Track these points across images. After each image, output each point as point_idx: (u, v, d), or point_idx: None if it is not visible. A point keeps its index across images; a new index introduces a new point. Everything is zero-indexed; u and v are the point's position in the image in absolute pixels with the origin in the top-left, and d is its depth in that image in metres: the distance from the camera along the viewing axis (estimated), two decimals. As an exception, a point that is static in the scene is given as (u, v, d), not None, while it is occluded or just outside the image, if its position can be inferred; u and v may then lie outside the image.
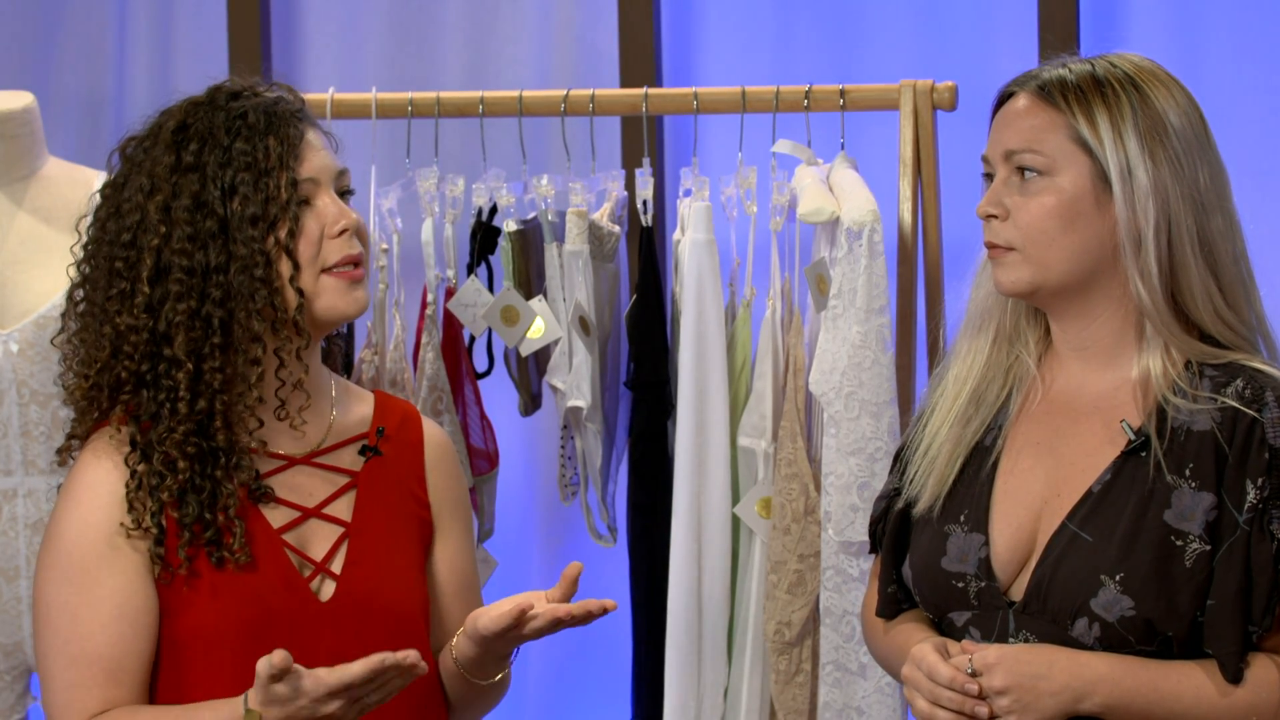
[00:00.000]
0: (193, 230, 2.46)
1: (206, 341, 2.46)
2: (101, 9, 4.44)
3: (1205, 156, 2.48)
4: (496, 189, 3.64)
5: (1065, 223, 2.46)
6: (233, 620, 2.44)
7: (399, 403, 2.68)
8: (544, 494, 4.20)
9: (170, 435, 2.46)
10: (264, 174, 2.47)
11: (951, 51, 4.08)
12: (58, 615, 2.45)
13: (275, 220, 2.47)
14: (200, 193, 2.46)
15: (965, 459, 2.55)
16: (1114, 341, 2.50)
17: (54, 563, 2.47)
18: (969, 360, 2.59)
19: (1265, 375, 2.45)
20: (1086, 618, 2.40)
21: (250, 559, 2.46)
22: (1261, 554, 2.39)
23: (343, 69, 4.37)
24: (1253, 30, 3.97)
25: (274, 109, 2.51)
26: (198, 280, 2.46)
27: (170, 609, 2.46)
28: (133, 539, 2.45)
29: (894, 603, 2.61)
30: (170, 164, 2.48)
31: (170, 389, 2.46)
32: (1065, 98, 2.47)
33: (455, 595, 2.65)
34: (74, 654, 2.44)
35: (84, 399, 2.51)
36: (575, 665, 4.32)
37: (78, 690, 2.44)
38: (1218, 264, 2.46)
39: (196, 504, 2.45)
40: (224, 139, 2.48)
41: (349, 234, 2.51)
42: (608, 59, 4.21)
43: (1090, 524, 2.43)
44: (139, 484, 2.46)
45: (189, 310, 2.45)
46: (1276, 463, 2.40)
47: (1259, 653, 2.42)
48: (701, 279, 3.52)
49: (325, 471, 2.56)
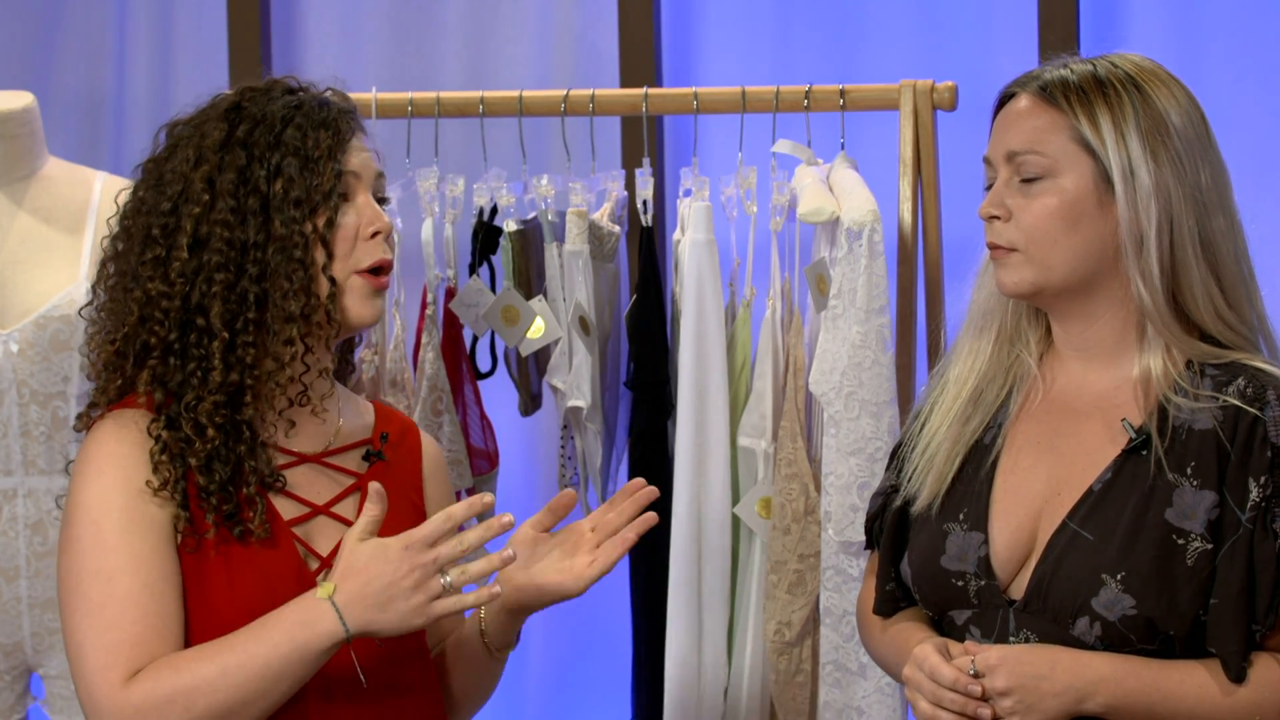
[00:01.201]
0: (235, 204, 2.48)
1: (241, 315, 2.47)
2: (101, 9, 4.44)
3: (1207, 156, 2.48)
4: (497, 189, 3.64)
5: (1068, 224, 2.46)
6: (245, 602, 2.44)
7: (397, 414, 2.72)
8: (544, 494, 4.20)
9: (200, 404, 2.46)
10: (311, 161, 2.50)
11: (951, 51, 4.08)
12: (89, 583, 2.42)
13: (316, 207, 2.50)
14: (246, 169, 2.48)
15: (964, 457, 2.55)
16: (1115, 341, 2.51)
17: (80, 533, 2.44)
18: (970, 361, 2.59)
19: (1267, 374, 2.45)
20: (1088, 617, 2.40)
21: (269, 535, 2.46)
22: (1265, 552, 2.39)
23: (343, 69, 4.35)
24: (1253, 30, 3.97)
25: (329, 104, 2.55)
26: (236, 254, 2.47)
27: (189, 582, 2.46)
28: (159, 498, 2.44)
29: (892, 600, 2.61)
30: (220, 139, 2.50)
31: (201, 359, 2.47)
32: (1067, 98, 2.47)
33: None
34: (110, 618, 2.40)
35: (108, 365, 2.51)
36: (575, 665, 4.32)
37: (118, 652, 2.39)
38: (1219, 264, 2.46)
39: (222, 472, 2.46)
40: (276, 123, 2.51)
41: (382, 238, 2.54)
42: (608, 59, 4.21)
43: (1091, 523, 2.43)
44: (163, 449, 2.45)
45: (226, 281, 2.47)
46: (1278, 461, 2.40)
47: (1262, 652, 2.42)
48: (701, 279, 3.52)
49: (332, 472, 2.58)
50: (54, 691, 3.31)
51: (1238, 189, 2.56)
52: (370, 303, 2.54)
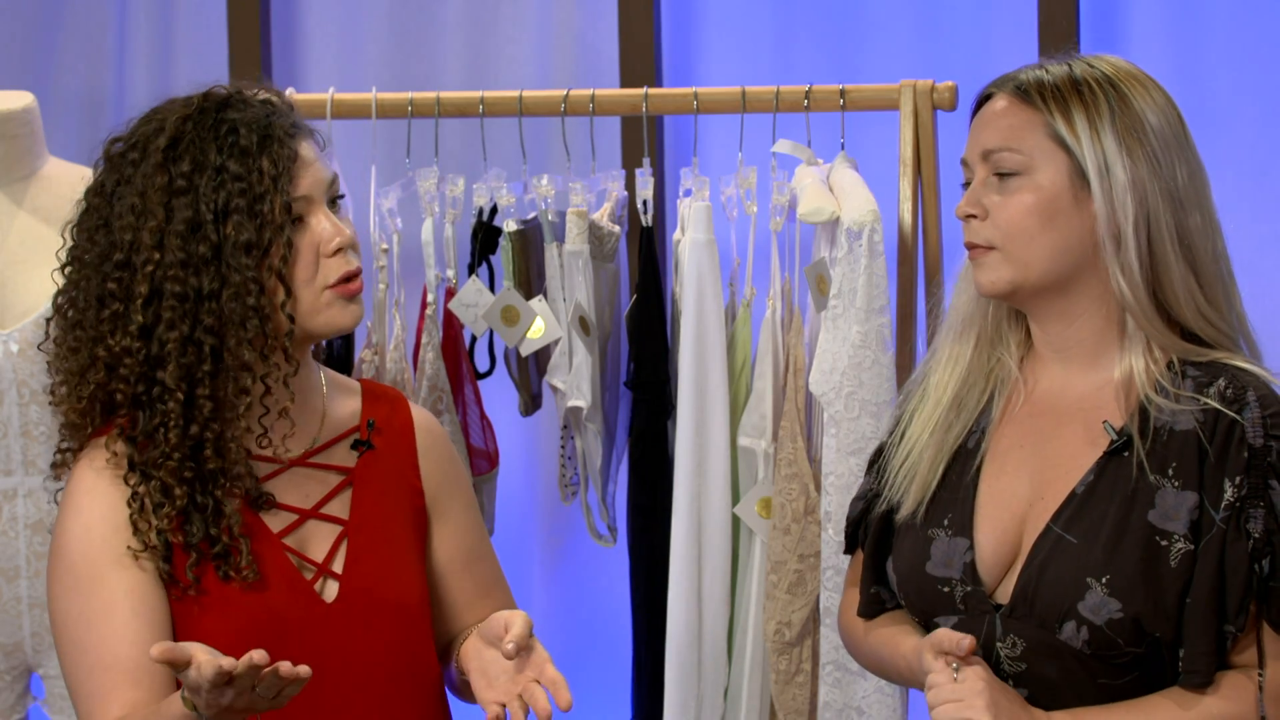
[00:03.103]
0: (185, 256, 2.43)
1: (199, 368, 2.44)
2: (101, 9, 4.44)
3: (1183, 155, 2.47)
4: (497, 189, 3.64)
5: (1044, 220, 2.46)
6: (242, 632, 2.43)
7: (386, 390, 2.68)
8: (544, 494, 4.21)
9: (166, 461, 2.45)
10: (257, 198, 2.44)
11: (951, 51, 4.08)
12: (73, 626, 2.44)
13: (269, 245, 2.45)
14: (193, 218, 2.43)
15: (948, 463, 2.54)
16: (1095, 342, 2.50)
17: (62, 575, 2.45)
18: (950, 367, 2.59)
19: (1248, 374, 2.45)
20: (1074, 621, 2.40)
21: (257, 575, 2.46)
22: (1236, 552, 2.38)
23: (343, 69, 4.37)
24: (1252, 31, 3.97)
25: (267, 126, 2.48)
26: (190, 305, 2.44)
27: (180, 625, 2.46)
28: (140, 559, 2.44)
29: (877, 603, 2.61)
30: (163, 185, 2.45)
31: (164, 414, 2.45)
32: (1043, 97, 2.47)
33: (460, 571, 2.65)
34: (92, 663, 2.42)
35: (78, 416, 2.50)
36: (575, 665, 4.32)
37: (98, 699, 2.41)
38: (1197, 261, 2.46)
39: (201, 523, 2.45)
40: (215, 159, 2.45)
41: (344, 252, 2.50)
42: (608, 59, 4.21)
43: (1075, 526, 2.43)
44: (140, 505, 2.45)
45: (180, 337, 2.44)
46: (1255, 462, 2.40)
47: (1232, 671, 2.41)
48: (701, 279, 3.52)
49: (320, 471, 2.56)
50: (54, 691, 3.31)
51: (1238, 189, 2.56)
52: (347, 310, 2.51)
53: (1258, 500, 2.39)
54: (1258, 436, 2.40)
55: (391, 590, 2.54)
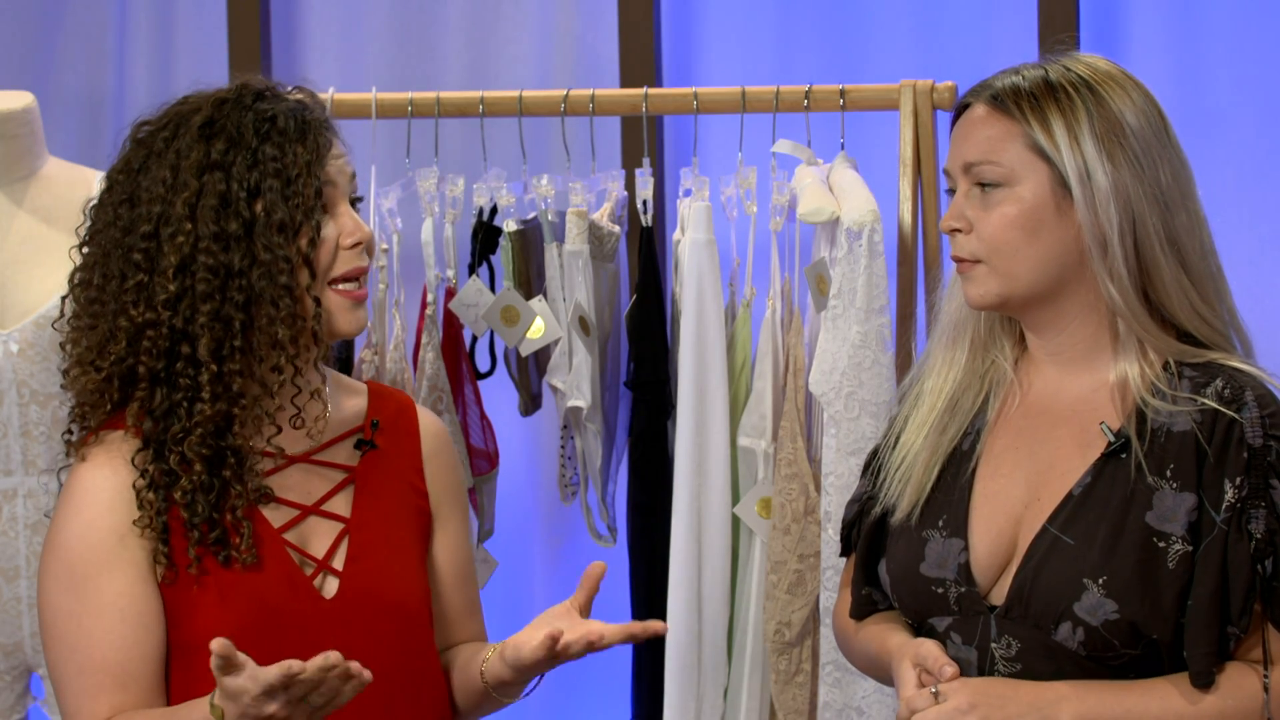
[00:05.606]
0: (218, 230, 2.44)
1: (228, 343, 2.44)
2: (101, 9, 4.44)
3: (1165, 154, 2.46)
4: (496, 189, 3.64)
5: (1028, 232, 2.45)
6: (239, 623, 2.43)
7: (393, 393, 2.68)
8: (544, 494, 4.21)
9: (187, 436, 2.44)
10: (291, 180, 2.46)
11: (951, 51, 4.08)
12: (63, 624, 2.44)
13: (300, 227, 2.46)
14: (226, 193, 2.44)
15: (943, 465, 2.54)
16: (1089, 346, 2.49)
17: (55, 571, 2.45)
18: (945, 371, 2.58)
19: (1244, 374, 2.44)
20: (1070, 622, 2.39)
21: (256, 559, 2.46)
22: (1238, 553, 2.37)
23: (343, 69, 4.37)
24: (1252, 31, 3.97)
25: (303, 115, 2.50)
26: (220, 280, 2.44)
27: (176, 612, 2.45)
28: (140, 538, 2.44)
29: (869, 604, 2.61)
30: (198, 159, 2.45)
31: (190, 389, 2.44)
32: (1019, 106, 2.46)
33: (455, 585, 2.65)
34: (80, 662, 2.42)
35: (94, 391, 2.49)
36: (575, 665, 4.31)
37: (85, 698, 2.42)
38: (1186, 260, 2.45)
39: (205, 504, 2.44)
40: (252, 140, 2.46)
41: (361, 247, 2.52)
42: (608, 59, 4.21)
43: (1071, 527, 2.42)
44: (149, 482, 2.45)
45: (212, 310, 2.44)
46: (1255, 462, 2.39)
47: (1236, 661, 2.41)
48: (701, 279, 3.52)
49: (323, 468, 2.56)
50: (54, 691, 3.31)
51: (1238, 189, 2.56)
52: (350, 315, 2.51)
53: (1259, 500, 2.39)
54: (1257, 436, 2.40)
55: (391, 589, 2.53)
